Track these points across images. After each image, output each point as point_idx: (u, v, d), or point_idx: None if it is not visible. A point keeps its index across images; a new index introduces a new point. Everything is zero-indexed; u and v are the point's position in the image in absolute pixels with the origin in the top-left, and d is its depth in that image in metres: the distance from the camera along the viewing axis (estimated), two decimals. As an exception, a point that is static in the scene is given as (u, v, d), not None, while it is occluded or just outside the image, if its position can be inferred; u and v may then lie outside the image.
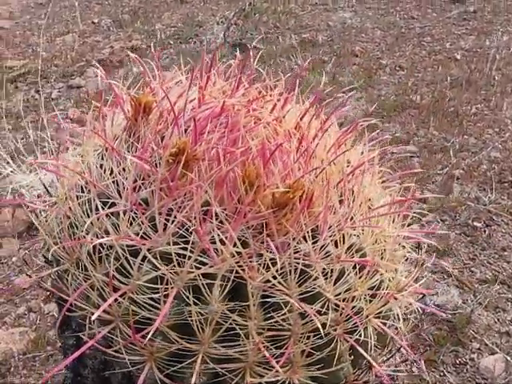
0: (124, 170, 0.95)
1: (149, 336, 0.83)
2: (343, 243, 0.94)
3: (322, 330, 0.83)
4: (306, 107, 1.10)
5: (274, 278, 0.87)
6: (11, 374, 1.94)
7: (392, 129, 3.07)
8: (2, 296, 2.23)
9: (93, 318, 0.83)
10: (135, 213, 0.89)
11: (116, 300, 0.87)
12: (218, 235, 0.85)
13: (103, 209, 0.91)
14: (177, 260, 0.86)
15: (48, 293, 1.02)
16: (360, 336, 0.93)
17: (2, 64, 4.00)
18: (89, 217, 0.93)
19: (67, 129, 1.13)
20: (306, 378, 0.91)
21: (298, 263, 0.89)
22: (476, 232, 2.38)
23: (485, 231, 2.37)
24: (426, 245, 2.26)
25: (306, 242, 0.90)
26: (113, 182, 0.94)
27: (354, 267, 0.94)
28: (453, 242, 2.33)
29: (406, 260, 1.11)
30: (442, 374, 1.83)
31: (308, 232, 0.91)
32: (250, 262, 0.86)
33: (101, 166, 0.97)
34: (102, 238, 0.90)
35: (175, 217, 0.87)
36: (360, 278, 0.95)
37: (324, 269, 0.91)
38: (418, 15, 4.47)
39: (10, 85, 3.77)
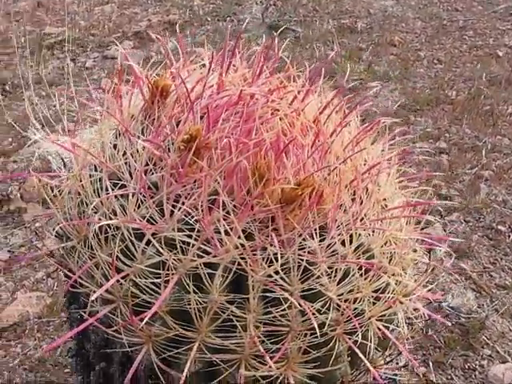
0: (137, 151, 0.95)
1: (146, 319, 0.83)
2: (351, 243, 0.92)
3: (317, 329, 0.82)
4: (328, 100, 1.08)
5: (277, 273, 0.86)
6: (26, 336, 1.99)
7: (424, 123, 3.01)
8: (23, 259, 2.28)
9: (92, 297, 0.84)
10: (144, 196, 0.90)
11: (118, 281, 0.88)
12: (224, 225, 0.85)
13: (113, 189, 0.92)
14: (181, 247, 0.86)
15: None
16: (360, 338, 0.92)
17: (41, 30, 4.04)
18: (99, 196, 0.93)
19: (97, 100, 1.12)
20: (302, 375, 0.90)
21: (302, 260, 0.88)
22: (500, 236, 2.33)
23: (509, 236, 2.32)
24: (446, 245, 2.23)
25: (313, 239, 0.89)
26: (125, 163, 0.94)
27: (360, 268, 0.93)
28: (474, 244, 2.29)
29: (417, 263, 1.09)
30: (449, 377, 1.81)
31: (316, 229, 0.90)
32: (254, 255, 0.86)
33: (114, 146, 0.97)
34: (110, 218, 0.90)
35: (183, 203, 0.87)
36: (365, 279, 0.93)
37: (328, 267, 0.90)
38: (463, 7, 4.34)
39: (47, 51, 3.81)
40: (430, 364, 1.82)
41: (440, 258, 2.12)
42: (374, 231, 0.97)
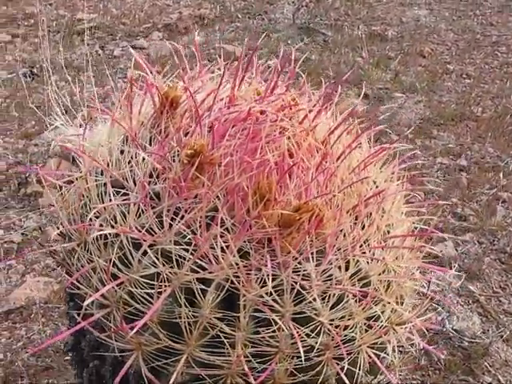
0: (143, 159, 0.95)
1: (136, 328, 0.84)
2: (347, 269, 0.92)
3: (302, 354, 0.82)
4: (339, 121, 1.07)
5: (270, 294, 0.86)
6: (31, 320, 2.02)
7: (446, 139, 2.97)
8: (34, 243, 2.31)
9: (86, 302, 0.85)
10: (145, 205, 0.90)
11: (113, 287, 0.89)
12: (220, 243, 0.85)
13: (115, 196, 0.92)
14: (176, 260, 0.87)
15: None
16: (349, 364, 0.92)
17: (73, 15, 4.08)
18: (102, 201, 0.94)
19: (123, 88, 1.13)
20: (287, 396, 0.90)
21: (296, 283, 0.88)
22: (512, 261, 2.30)
23: (522, 261, 2.29)
24: (457, 265, 2.19)
25: (310, 262, 0.89)
26: (130, 170, 0.94)
27: (355, 295, 0.92)
28: (486, 266, 2.26)
29: (415, 292, 1.08)
30: (446, 401, 1.79)
31: (313, 253, 0.89)
32: (248, 274, 0.86)
33: (122, 151, 0.98)
34: (111, 224, 0.91)
35: (182, 217, 0.87)
36: (359, 306, 0.93)
37: (323, 292, 0.89)
38: (498, 22, 4.26)
39: (77, 37, 3.84)
40: (428, 388, 1.80)
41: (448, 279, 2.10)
42: (372, 258, 0.96)
